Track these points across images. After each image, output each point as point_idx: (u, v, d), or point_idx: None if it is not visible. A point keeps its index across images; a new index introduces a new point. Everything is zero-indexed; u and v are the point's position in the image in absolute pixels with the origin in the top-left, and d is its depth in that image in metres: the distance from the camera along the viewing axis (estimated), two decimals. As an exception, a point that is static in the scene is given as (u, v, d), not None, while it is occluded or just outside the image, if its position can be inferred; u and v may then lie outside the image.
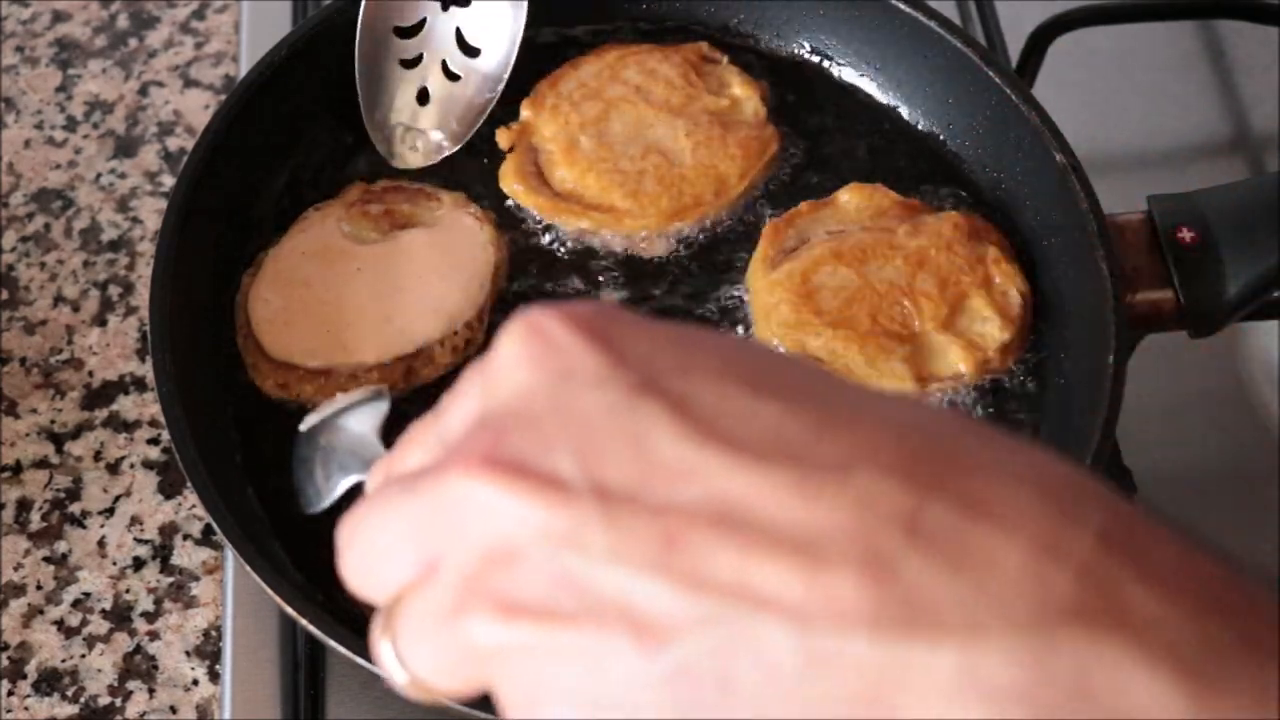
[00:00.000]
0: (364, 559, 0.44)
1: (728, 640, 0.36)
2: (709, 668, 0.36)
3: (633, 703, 0.37)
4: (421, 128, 0.86)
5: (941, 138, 0.87)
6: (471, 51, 0.86)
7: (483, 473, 0.39)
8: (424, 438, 0.45)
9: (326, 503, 0.64)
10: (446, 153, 0.85)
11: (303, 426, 0.66)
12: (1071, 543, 0.35)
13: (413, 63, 0.86)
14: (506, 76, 0.85)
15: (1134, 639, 0.35)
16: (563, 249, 0.83)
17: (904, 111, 0.88)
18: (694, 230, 0.83)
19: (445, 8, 0.86)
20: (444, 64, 0.86)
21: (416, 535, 0.41)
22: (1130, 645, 0.34)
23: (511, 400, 0.40)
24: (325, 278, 0.79)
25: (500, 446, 0.39)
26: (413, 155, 0.86)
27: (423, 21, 0.86)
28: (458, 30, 0.86)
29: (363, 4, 0.84)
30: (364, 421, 0.63)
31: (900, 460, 0.37)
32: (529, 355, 0.41)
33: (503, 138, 0.86)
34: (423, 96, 0.86)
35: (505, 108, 0.86)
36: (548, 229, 0.84)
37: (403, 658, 0.42)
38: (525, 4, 0.84)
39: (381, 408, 0.64)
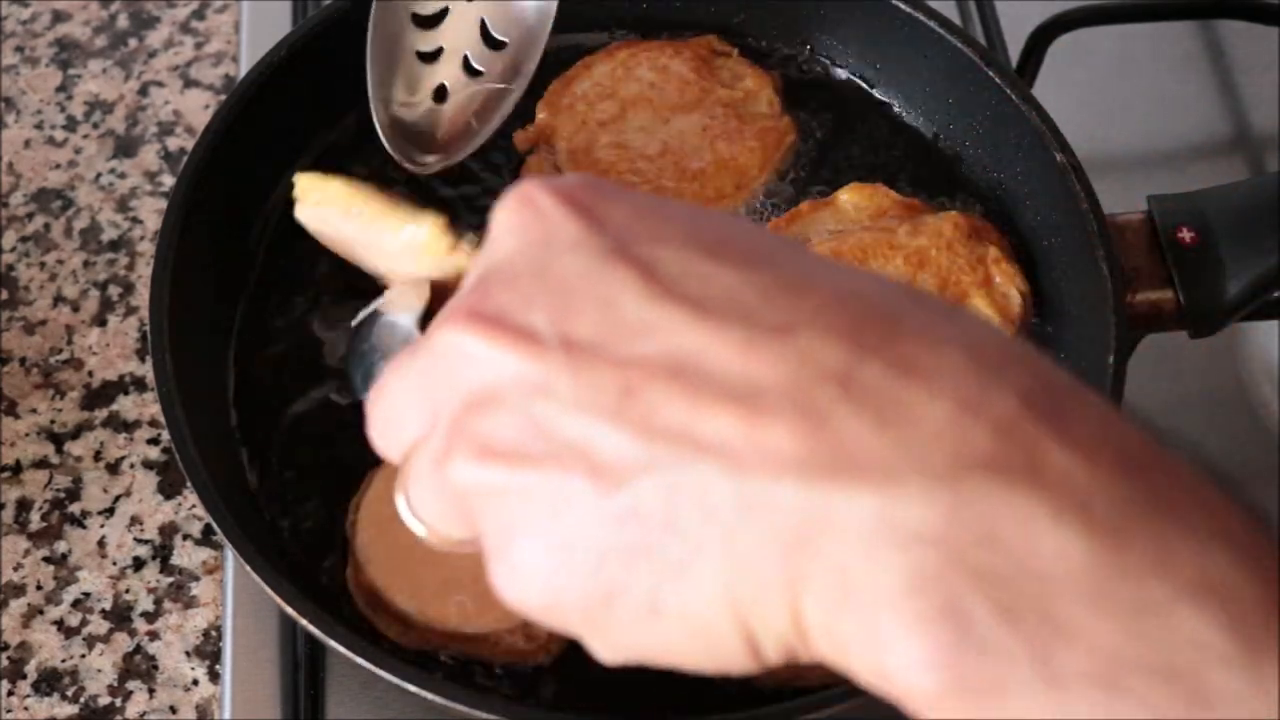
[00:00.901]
0: (383, 420, 0.47)
1: (673, 483, 0.39)
2: (656, 508, 0.39)
3: (591, 539, 0.40)
4: (438, 127, 0.79)
5: (941, 138, 0.87)
6: (496, 44, 0.80)
7: (467, 325, 0.42)
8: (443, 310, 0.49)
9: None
10: (463, 155, 0.79)
11: (354, 322, 0.67)
12: (994, 402, 0.38)
13: (431, 56, 0.79)
14: (533, 70, 0.79)
15: (1044, 492, 0.37)
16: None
17: (904, 111, 0.88)
18: None
19: None
20: (465, 58, 0.80)
21: (419, 390, 0.44)
22: (1040, 498, 0.37)
23: (500, 262, 0.44)
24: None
25: (484, 303, 0.43)
26: (427, 157, 0.79)
27: (444, 11, 0.80)
28: (482, 21, 0.80)
29: None
30: (407, 312, 0.65)
31: (841, 323, 0.40)
32: (518, 222, 0.44)
33: (520, 140, 0.85)
34: (440, 93, 0.80)
35: (517, 109, 0.86)
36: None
37: (413, 509, 0.46)
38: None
39: (424, 294, 0.65)
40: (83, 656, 0.78)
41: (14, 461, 0.84)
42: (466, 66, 0.80)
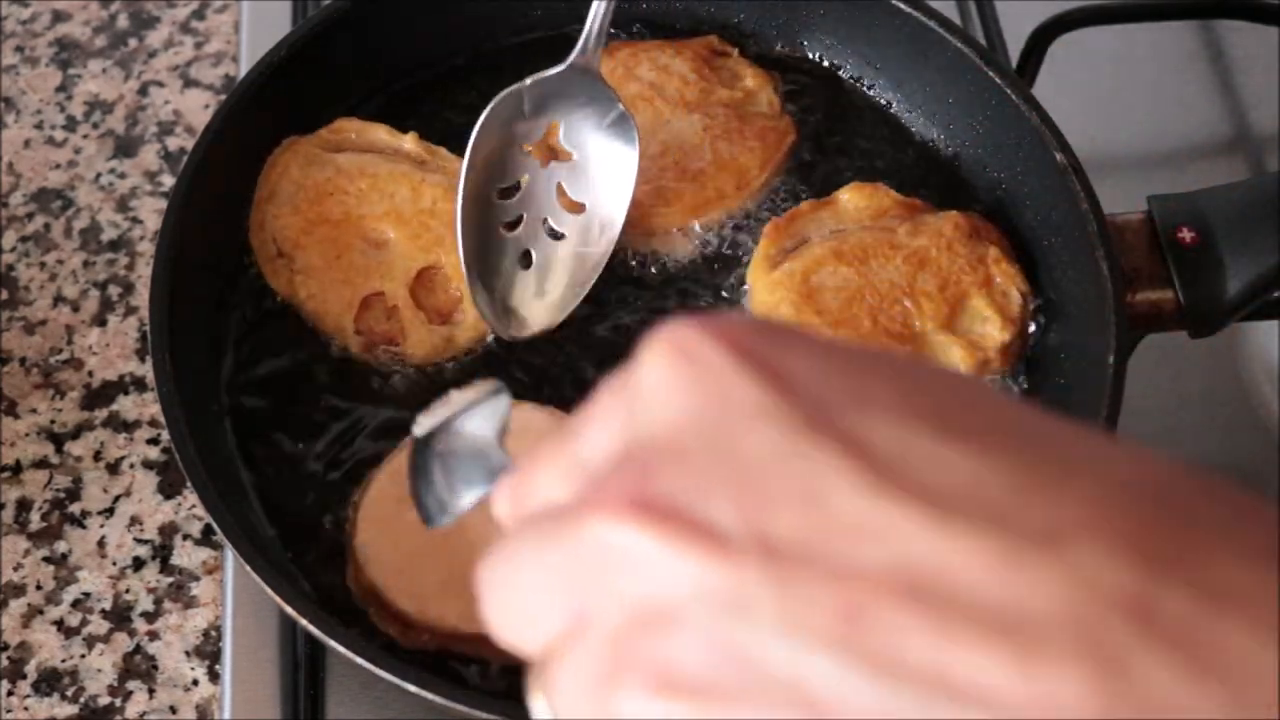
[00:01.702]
0: (510, 610, 0.39)
1: None
2: None
3: None
4: (527, 294, 0.80)
5: (941, 138, 0.87)
6: (575, 207, 0.81)
7: (630, 518, 0.34)
8: (559, 460, 0.40)
9: (450, 519, 0.60)
10: (558, 319, 0.79)
11: (417, 430, 0.61)
12: None
13: (513, 224, 0.80)
14: (618, 228, 0.80)
15: None
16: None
17: (904, 111, 0.88)
18: (715, 224, 0.83)
19: (545, 163, 0.81)
20: (545, 221, 0.81)
21: (561, 586, 0.36)
22: None
23: (660, 433, 0.35)
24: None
25: (649, 487, 0.34)
26: (518, 326, 0.79)
27: (520, 182, 0.81)
28: (559, 186, 0.81)
29: (463, 171, 0.78)
30: (484, 423, 0.57)
31: (1127, 529, 0.32)
32: (678, 380, 0.36)
33: None
34: (525, 259, 0.80)
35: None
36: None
37: (558, 715, 0.38)
38: (636, 150, 0.80)
39: (502, 406, 0.57)
40: (83, 656, 0.78)
41: (14, 461, 0.84)
42: (550, 231, 0.80)
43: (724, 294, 0.82)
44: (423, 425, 0.61)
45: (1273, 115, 0.99)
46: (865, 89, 0.89)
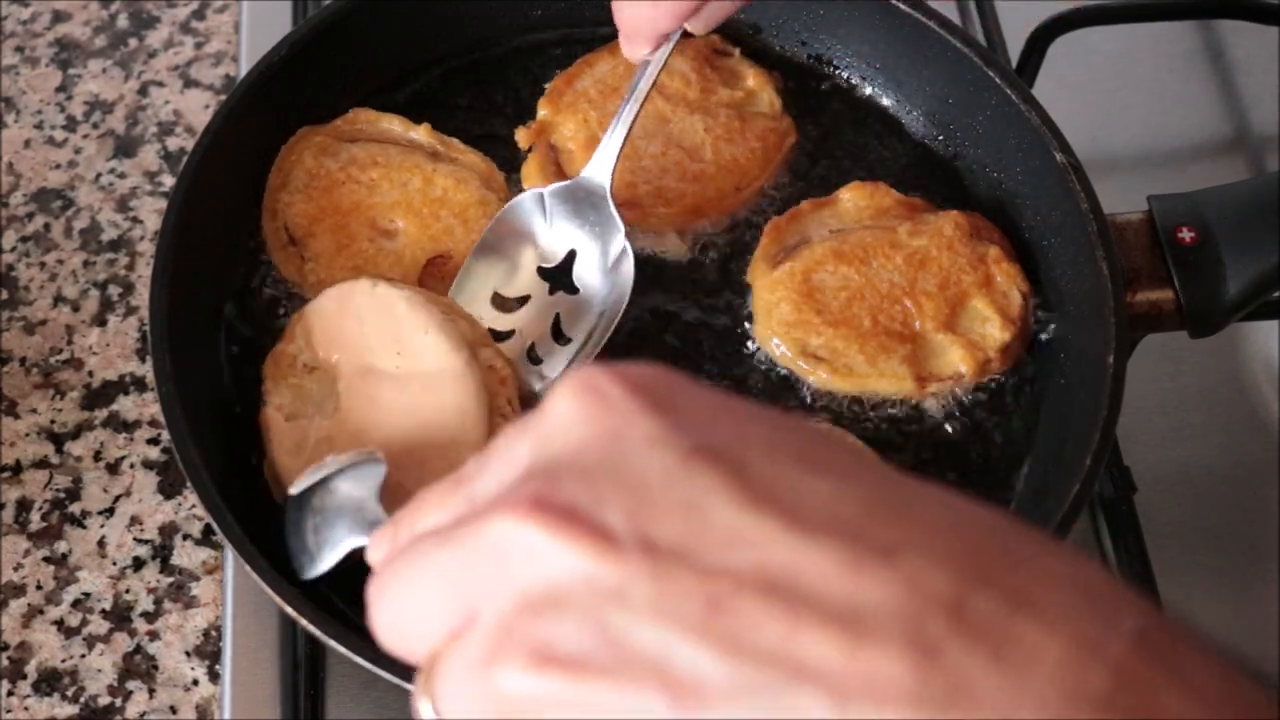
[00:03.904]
0: (398, 617, 0.43)
1: (766, 709, 0.36)
2: None
3: None
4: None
5: (941, 138, 0.87)
6: (563, 339, 0.79)
7: (532, 515, 0.39)
8: (447, 500, 0.44)
9: (322, 568, 0.63)
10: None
11: (292, 490, 0.64)
12: (1109, 643, 0.36)
13: (501, 337, 0.78)
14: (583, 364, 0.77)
15: None
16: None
17: (904, 111, 0.88)
18: (715, 224, 0.84)
19: (552, 291, 0.79)
20: (531, 346, 0.78)
21: (453, 585, 0.41)
22: None
23: (564, 453, 0.40)
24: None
25: (552, 492, 0.39)
26: None
27: (525, 298, 0.79)
28: (557, 316, 0.79)
29: (465, 267, 0.78)
30: (360, 484, 0.62)
31: (949, 549, 0.37)
32: (584, 413, 0.41)
33: (522, 137, 0.85)
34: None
35: (519, 107, 0.87)
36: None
37: (440, 713, 0.41)
38: (628, 293, 0.78)
39: (378, 470, 0.62)
40: (83, 656, 0.78)
41: (14, 461, 0.84)
42: (530, 353, 0.79)
43: (724, 294, 0.82)
44: (298, 484, 0.63)
45: (1273, 115, 0.99)
46: (865, 89, 0.89)
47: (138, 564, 0.81)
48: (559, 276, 0.80)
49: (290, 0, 1.01)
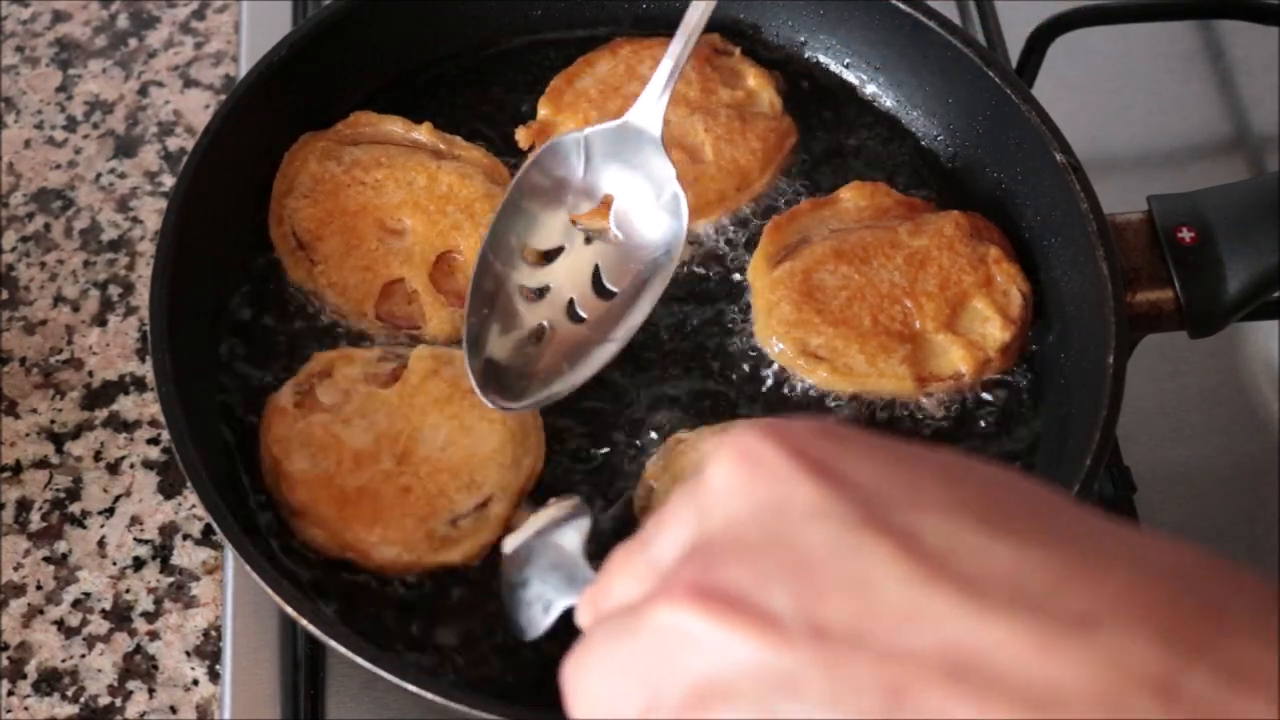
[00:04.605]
0: (594, 703, 0.42)
1: None
2: None
3: None
4: (529, 368, 0.75)
5: (941, 138, 0.87)
6: (605, 293, 0.76)
7: (691, 604, 0.37)
8: (632, 565, 0.43)
9: (540, 632, 0.63)
10: (552, 400, 0.74)
11: (506, 548, 0.64)
12: None
13: (536, 294, 0.76)
14: (638, 326, 0.74)
15: None
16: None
17: (904, 111, 0.88)
18: (716, 224, 0.83)
19: (589, 240, 0.77)
20: (570, 302, 0.76)
21: (634, 675, 0.40)
22: None
23: (724, 529, 0.39)
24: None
25: (711, 576, 0.38)
26: (515, 400, 0.73)
27: (558, 250, 0.77)
28: (596, 267, 0.76)
29: (499, 206, 0.76)
30: (568, 538, 0.61)
31: (1154, 614, 0.34)
32: (742, 482, 0.39)
33: (522, 136, 0.85)
34: (537, 333, 0.76)
35: (522, 107, 0.87)
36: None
37: None
38: (682, 240, 0.75)
39: (584, 523, 0.62)
40: (83, 656, 0.78)
41: (14, 461, 0.84)
42: (569, 310, 0.76)
43: (724, 294, 0.82)
44: (510, 543, 0.64)
45: (1273, 115, 0.99)
46: (865, 89, 0.89)
47: (138, 564, 0.81)
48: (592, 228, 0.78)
49: (290, 0, 1.01)
